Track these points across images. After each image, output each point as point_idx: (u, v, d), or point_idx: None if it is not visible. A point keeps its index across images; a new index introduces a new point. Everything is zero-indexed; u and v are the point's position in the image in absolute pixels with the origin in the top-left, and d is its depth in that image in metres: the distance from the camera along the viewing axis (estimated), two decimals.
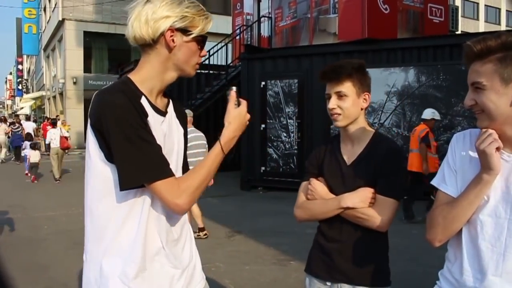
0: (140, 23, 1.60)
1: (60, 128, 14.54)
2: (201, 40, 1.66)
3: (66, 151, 15.04)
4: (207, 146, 6.46)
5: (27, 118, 29.05)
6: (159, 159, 1.55)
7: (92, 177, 1.60)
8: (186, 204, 1.57)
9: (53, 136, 13.55)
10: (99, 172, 1.58)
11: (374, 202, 1.99)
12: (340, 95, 2.04)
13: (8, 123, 21.76)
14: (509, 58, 1.42)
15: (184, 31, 1.61)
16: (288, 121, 11.05)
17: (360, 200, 1.99)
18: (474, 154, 1.55)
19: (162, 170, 1.55)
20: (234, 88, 1.72)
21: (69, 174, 14.89)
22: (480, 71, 1.46)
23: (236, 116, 1.68)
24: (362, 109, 2.09)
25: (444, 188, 1.63)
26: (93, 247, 1.64)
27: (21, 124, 20.90)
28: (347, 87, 2.03)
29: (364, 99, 2.08)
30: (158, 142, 1.57)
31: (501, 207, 1.49)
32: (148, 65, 1.65)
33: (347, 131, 2.10)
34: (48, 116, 20.13)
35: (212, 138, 1.85)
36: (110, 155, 1.53)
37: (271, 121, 11.33)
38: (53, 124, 15.40)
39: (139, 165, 1.51)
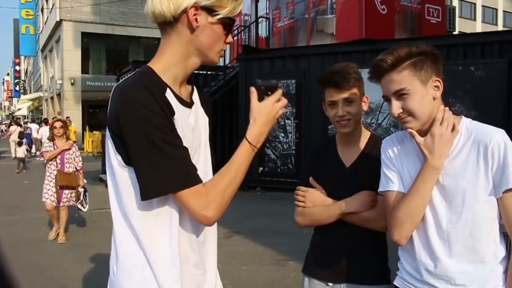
0: None
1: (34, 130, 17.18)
2: (228, 24, 1.47)
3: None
4: None
5: (32, 120, 29.07)
6: (185, 165, 1.38)
7: (118, 182, 1.43)
8: (215, 216, 1.40)
9: (44, 133, 14.87)
10: (123, 177, 1.42)
11: (374, 204, 1.99)
12: (348, 101, 2.03)
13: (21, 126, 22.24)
14: (419, 62, 1.61)
15: (210, 10, 1.41)
16: (286, 121, 11.06)
17: (360, 205, 2.00)
18: (409, 149, 1.72)
19: (189, 177, 1.38)
20: (260, 81, 1.65)
21: None
22: (399, 80, 1.61)
23: (261, 110, 1.48)
24: (363, 112, 2.11)
25: (392, 187, 1.73)
26: (124, 259, 1.46)
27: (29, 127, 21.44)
28: (354, 93, 2.03)
29: (364, 102, 2.10)
30: (186, 137, 1.43)
31: (437, 197, 1.64)
32: (169, 49, 1.46)
33: (347, 135, 2.10)
34: (55, 117, 20.31)
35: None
36: (127, 158, 1.38)
37: None
38: (45, 122, 17.03)
39: (164, 172, 1.34)
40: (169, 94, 1.42)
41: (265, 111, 1.48)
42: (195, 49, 1.46)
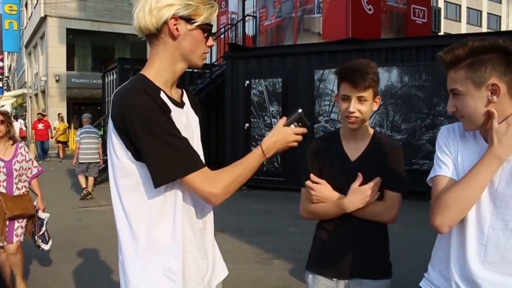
0: (144, 13, 1.59)
1: (20, 122, 20.16)
2: (206, 29, 1.65)
3: (24, 139, 19.42)
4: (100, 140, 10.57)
5: (15, 117, 28.72)
6: (189, 152, 1.57)
7: (122, 177, 1.60)
8: (221, 194, 1.58)
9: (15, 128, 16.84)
10: (129, 171, 1.58)
11: (376, 195, 2.03)
12: (361, 100, 2.05)
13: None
14: (477, 63, 1.49)
15: (188, 19, 1.60)
16: (272, 120, 11.07)
17: (359, 200, 2.02)
18: (469, 144, 1.62)
19: (195, 162, 1.57)
20: (300, 110, 1.76)
21: (50, 173, 14.71)
22: (455, 78, 1.55)
23: (281, 131, 1.71)
24: (372, 111, 2.14)
25: (445, 172, 1.63)
26: (128, 246, 1.62)
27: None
28: (369, 92, 2.07)
29: (375, 102, 2.13)
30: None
31: (486, 200, 1.55)
32: (157, 58, 1.65)
33: (353, 130, 2.12)
34: (42, 113, 20.46)
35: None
36: (137, 154, 1.54)
37: (255, 120, 11.33)
38: (15, 118, 20.40)
39: (171, 161, 1.52)
40: (163, 96, 1.59)
41: (284, 135, 1.71)
42: (180, 55, 1.64)
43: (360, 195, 2.02)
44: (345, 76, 2.08)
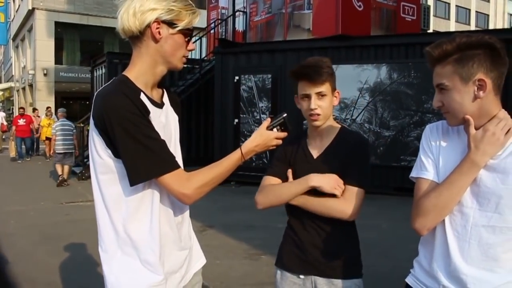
0: (128, 15, 1.64)
1: (1, 116, 21.13)
2: (187, 34, 1.72)
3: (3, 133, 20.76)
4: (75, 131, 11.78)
5: None
6: (164, 154, 1.63)
7: (102, 172, 1.67)
8: (193, 195, 1.66)
9: None
10: (109, 168, 1.65)
11: (341, 191, 2.01)
12: (320, 95, 2.05)
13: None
14: (465, 58, 1.51)
15: (170, 23, 1.66)
16: (262, 116, 11.06)
17: (327, 182, 2.00)
18: (453, 141, 1.64)
19: (169, 163, 1.63)
20: (284, 114, 1.82)
21: (38, 168, 14.61)
22: (441, 73, 1.57)
23: (263, 135, 1.79)
24: (333, 106, 2.13)
25: (426, 175, 1.66)
26: (107, 238, 1.70)
27: None
28: (327, 87, 2.05)
29: (335, 96, 2.12)
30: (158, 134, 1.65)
31: (469, 197, 1.57)
32: (139, 60, 1.71)
33: (318, 128, 2.11)
34: (22, 107, 19.47)
35: (185, 131, 1.89)
36: (116, 152, 1.61)
37: (244, 115, 11.32)
38: None
39: (146, 161, 1.59)
40: (143, 97, 1.66)
41: (264, 138, 1.79)
42: (161, 57, 1.70)
43: (330, 179, 2.01)
44: (300, 74, 2.07)
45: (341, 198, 2.01)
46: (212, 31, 15.06)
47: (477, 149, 1.53)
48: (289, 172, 2.14)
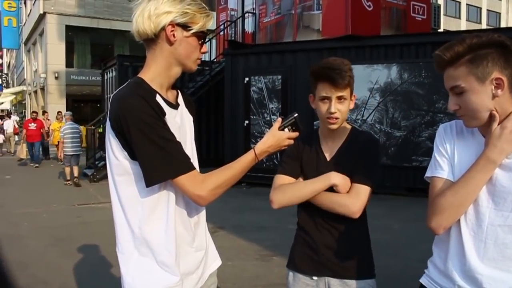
0: (143, 18, 1.66)
1: (14, 120, 23.08)
2: (201, 36, 1.74)
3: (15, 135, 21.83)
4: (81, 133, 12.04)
5: (8, 115, 28.75)
6: (180, 155, 1.65)
7: (119, 174, 1.69)
8: (208, 196, 1.67)
9: (8, 125, 21.50)
10: (125, 169, 1.67)
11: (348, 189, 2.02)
12: (340, 99, 2.02)
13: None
14: (478, 58, 1.49)
15: (185, 26, 1.68)
16: (272, 117, 11.06)
17: (344, 182, 2.01)
18: (467, 142, 1.63)
19: (184, 165, 1.64)
20: (295, 114, 1.81)
21: (50, 171, 14.72)
22: (455, 76, 1.53)
23: (275, 135, 1.79)
24: (350, 109, 2.11)
25: (441, 174, 1.64)
26: (124, 239, 1.72)
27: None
28: (348, 92, 2.03)
29: (352, 100, 2.10)
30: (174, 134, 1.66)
31: (484, 196, 1.55)
32: (154, 62, 1.73)
33: (332, 130, 2.10)
34: (34, 111, 19.11)
35: (195, 132, 1.90)
36: (132, 154, 1.63)
37: (254, 117, 11.32)
38: (8, 116, 22.91)
39: (162, 163, 1.60)
40: (158, 98, 1.67)
41: (276, 138, 1.79)
42: (175, 59, 1.72)
43: (346, 179, 2.02)
44: (323, 76, 2.02)
45: (346, 194, 2.00)
46: (221, 33, 15.09)
47: (494, 146, 1.51)
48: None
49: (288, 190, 2.10)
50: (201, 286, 1.87)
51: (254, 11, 15.57)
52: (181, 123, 1.79)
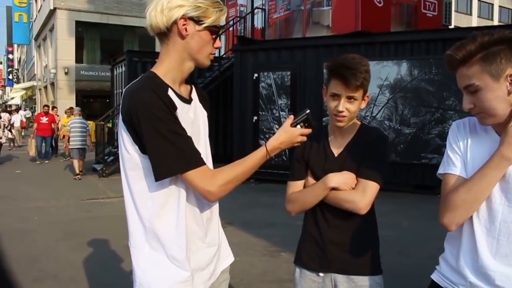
0: (156, 12, 1.67)
1: (22, 114, 24.55)
2: (214, 31, 1.72)
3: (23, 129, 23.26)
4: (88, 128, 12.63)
5: (16, 110, 29.06)
6: (190, 150, 1.64)
7: (130, 168, 1.69)
8: (217, 192, 1.65)
9: (16, 120, 21.96)
10: (136, 163, 1.67)
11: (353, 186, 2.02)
12: (350, 99, 2.01)
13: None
14: (491, 55, 1.48)
15: (197, 20, 1.67)
16: (281, 113, 11.05)
17: (343, 181, 2.01)
18: (481, 139, 1.62)
19: (194, 160, 1.64)
20: (307, 111, 1.80)
21: (59, 165, 14.82)
22: (469, 74, 1.52)
23: (287, 132, 1.76)
24: (360, 109, 2.10)
25: (454, 171, 1.64)
26: (136, 233, 1.72)
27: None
28: (360, 93, 2.01)
29: (364, 100, 2.08)
30: (186, 129, 1.65)
31: (497, 193, 1.55)
32: (166, 57, 1.73)
33: (340, 127, 2.10)
34: (46, 105, 18.48)
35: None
36: (143, 148, 1.63)
37: (263, 113, 11.32)
38: (16, 111, 24.15)
39: (172, 157, 1.60)
40: (171, 93, 1.67)
41: (289, 135, 1.76)
42: (188, 54, 1.71)
43: (345, 177, 2.02)
44: (337, 73, 1.99)
45: (352, 191, 2.00)
46: (230, 29, 15.09)
47: (509, 144, 1.50)
48: (307, 180, 2.16)
49: (297, 199, 2.15)
50: (213, 282, 1.86)
51: (263, 7, 15.55)
52: (194, 118, 1.78)
